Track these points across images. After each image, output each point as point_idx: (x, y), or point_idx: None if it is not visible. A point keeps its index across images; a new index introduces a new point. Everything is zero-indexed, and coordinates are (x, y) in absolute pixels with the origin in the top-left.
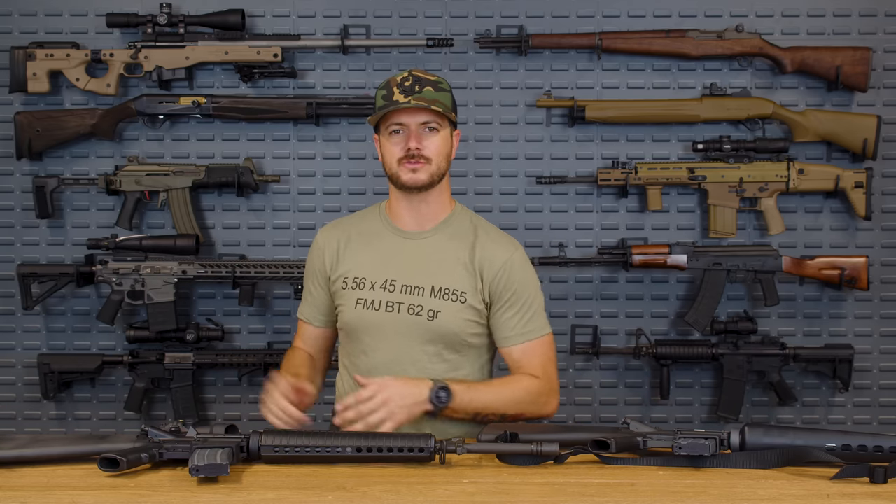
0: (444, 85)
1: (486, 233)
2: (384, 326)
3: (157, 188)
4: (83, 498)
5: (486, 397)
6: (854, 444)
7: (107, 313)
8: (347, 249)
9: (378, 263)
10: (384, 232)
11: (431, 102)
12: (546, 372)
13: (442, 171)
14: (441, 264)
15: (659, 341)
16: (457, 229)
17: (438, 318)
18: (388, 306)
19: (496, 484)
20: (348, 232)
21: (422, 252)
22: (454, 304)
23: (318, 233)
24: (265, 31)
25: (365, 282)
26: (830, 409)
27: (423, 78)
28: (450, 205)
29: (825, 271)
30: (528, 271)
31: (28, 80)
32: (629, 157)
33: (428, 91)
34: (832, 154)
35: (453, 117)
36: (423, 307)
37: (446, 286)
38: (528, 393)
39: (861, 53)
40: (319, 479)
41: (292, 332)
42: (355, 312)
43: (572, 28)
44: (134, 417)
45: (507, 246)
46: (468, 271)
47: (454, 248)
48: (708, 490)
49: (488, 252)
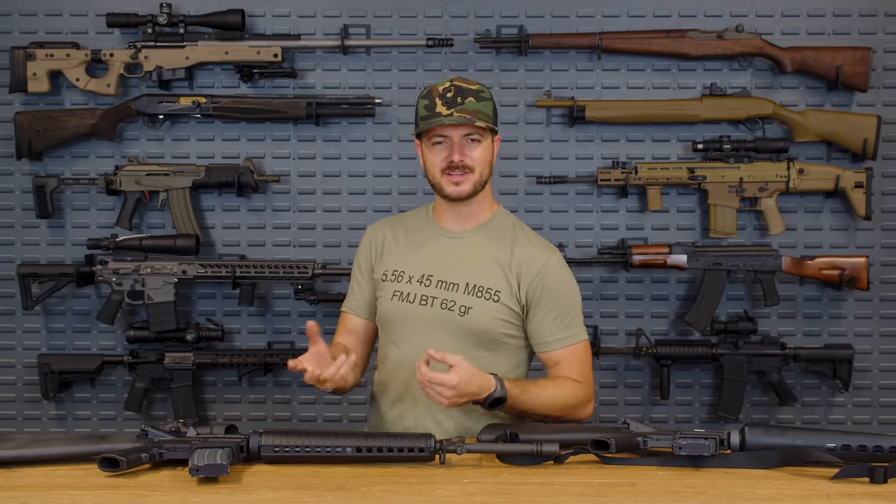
0: (486, 93)
1: (526, 236)
2: (416, 319)
3: (157, 188)
4: (83, 498)
5: (536, 400)
6: (854, 444)
7: (107, 313)
8: (392, 245)
9: (417, 258)
10: (427, 229)
11: (475, 114)
12: (585, 377)
13: (485, 179)
14: (478, 263)
15: (659, 341)
16: (497, 231)
17: (470, 314)
18: (423, 300)
19: (496, 484)
20: (395, 228)
21: (460, 250)
22: (487, 301)
23: (368, 228)
24: (265, 31)
25: (403, 275)
26: (830, 409)
27: (465, 88)
28: (491, 207)
29: (825, 271)
30: (566, 276)
31: (28, 80)
32: (629, 157)
33: (470, 102)
34: (832, 154)
35: (495, 128)
36: (455, 302)
37: (481, 284)
38: (574, 397)
39: (861, 53)
40: (319, 479)
41: (292, 332)
42: (391, 304)
43: (572, 28)
44: (134, 417)
45: (545, 250)
46: (504, 272)
47: (493, 248)
48: (708, 490)
49: (527, 256)
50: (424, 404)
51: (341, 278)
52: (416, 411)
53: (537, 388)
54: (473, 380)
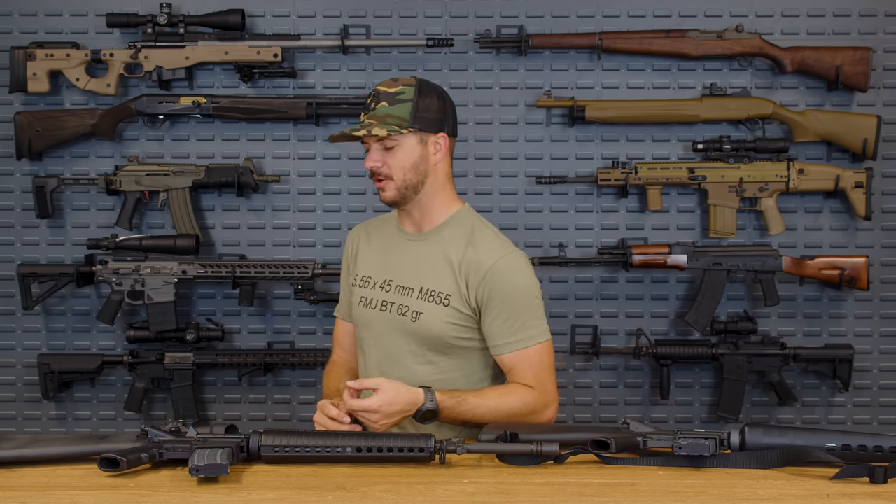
0: (407, 93)
1: (482, 237)
2: (377, 325)
3: (157, 188)
4: (83, 498)
5: (477, 410)
6: (854, 444)
7: (107, 313)
8: (365, 249)
9: (382, 263)
10: (392, 234)
11: (382, 119)
12: (540, 381)
13: (411, 183)
14: (432, 266)
15: (659, 341)
16: (454, 232)
17: (421, 319)
18: (383, 305)
19: (496, 484)
20: (369, 232)
21: (418, 254)
22: (437, 306)
23: (350, 231)
24: (265, 31)
25: (369, 280)
26: (830, 409)
27: (381, 92)
28: (450, 207)
29: (825, 271)
30: (519, 277)
31: (28, 80)
32: (629, 157)
33: (381, 107)
34: (832, 154)
35: (405, 131)
36: (409, 307)
37: (432, 288)
38: (522, 404)
39: (861, 53)
40: (319, 479)
41: (292, 332)
42: (358, 309)
43: (572, 28)
44: (134, 417)
45: (497, 251)
46: (455, 274)
47: (446, 250)
48: (708, 490)
49: (476, 257)
50: None
51: None
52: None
53: (478, 398)
54: (399, 398)
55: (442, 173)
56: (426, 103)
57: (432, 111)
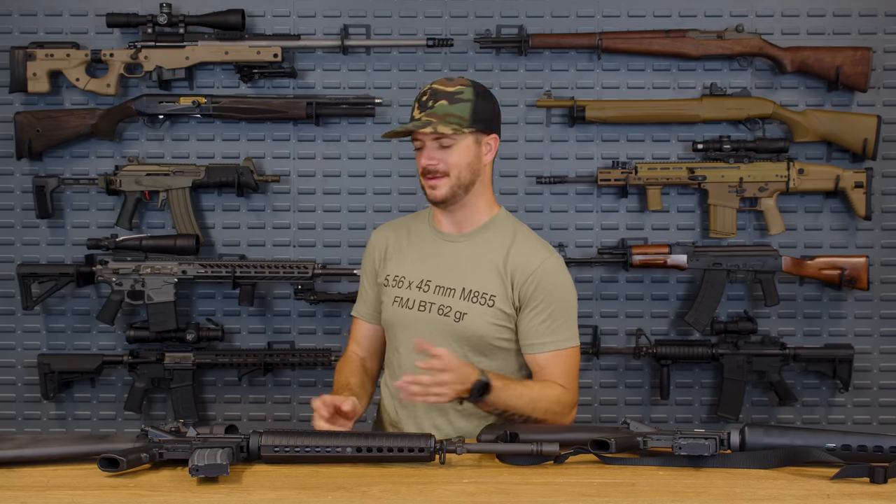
0: (466, 94)
1: (524, 238)
2: (415, 325)
3: (157, 188)
4: (83, 498)
5: (520, 401)
6: (854, 444)
7: (107, 313)
8: (395, 250)
9: (418, 264)
10: (427, 234)
11: (443, 118)
12: (571, 384)
13: (464, 182)
14: (475, 267)
15: (659, 341)
16: (495, 233)
17: (465, 319)
18: (421, 305)
19: (496, 484)
20: (398, 232)
21: (458, 254)
22: (482, 307)
23: (372, 233)
24: (265, 31)
25: (404, 280)
26: (830, 409)
27: (439, 91)
28: (490, 209)
29: (825, 271)
30: (562, 279)
31: (28, 80)
32: (629, 157)
33: (441, 105)
34: (832, 154)
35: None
36: (451, 308)
37: (476, 289)
38: (558, 401)
39: (861, 53)
40: (319, 479)
41: (292, 332)
42: (392, 309)
43: (572, 28)
44: (134, 417)
45: (543, 252)
46: (500, 275)
47: (489, 251)
48: (708, 490)
49: (522, 256)
50: (424, 409)
51: (341, 278)
52: (417, 416)
53: (522, 386)
54: (464, 365)
55: (488, 175)
56: (483, 104)
57: (488, 112)
